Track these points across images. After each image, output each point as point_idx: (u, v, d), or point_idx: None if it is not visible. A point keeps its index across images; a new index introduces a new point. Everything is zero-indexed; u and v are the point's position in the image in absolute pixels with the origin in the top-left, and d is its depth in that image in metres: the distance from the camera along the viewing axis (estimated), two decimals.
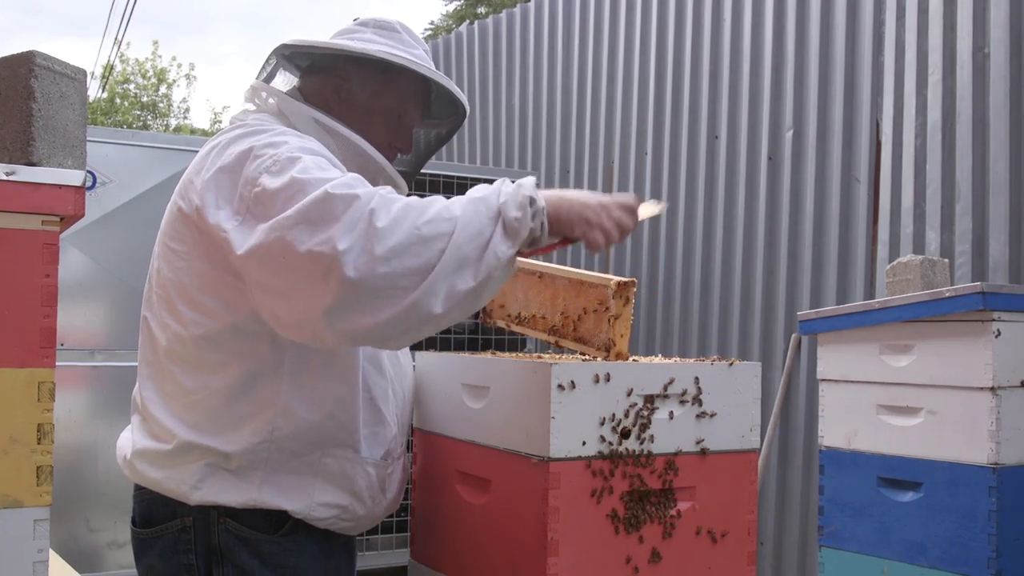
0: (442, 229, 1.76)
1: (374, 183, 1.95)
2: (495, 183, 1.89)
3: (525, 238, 1.83)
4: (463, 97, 2.29)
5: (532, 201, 1.84)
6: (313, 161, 1.87)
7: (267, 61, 2.24)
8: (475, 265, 1.78)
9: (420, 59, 2.19)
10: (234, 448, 1.99)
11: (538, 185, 1.91)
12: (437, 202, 1.82)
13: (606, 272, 6.33)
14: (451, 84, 2.24)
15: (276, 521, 2.06)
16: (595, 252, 1.95)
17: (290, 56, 2.24)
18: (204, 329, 2.00)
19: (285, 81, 2.26)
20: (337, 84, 2.20)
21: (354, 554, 2.33)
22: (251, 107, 2.21)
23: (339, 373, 2.07)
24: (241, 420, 2.00)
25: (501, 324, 2.51)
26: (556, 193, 1.93)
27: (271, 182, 1.84)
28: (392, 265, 1.73)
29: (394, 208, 1.77)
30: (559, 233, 1.92)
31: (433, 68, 2.20)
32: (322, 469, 2.06)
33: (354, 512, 2.14)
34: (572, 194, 1.95)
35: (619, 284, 2.18)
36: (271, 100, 2.18)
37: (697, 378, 2.23)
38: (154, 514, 2.10)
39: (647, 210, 2.11)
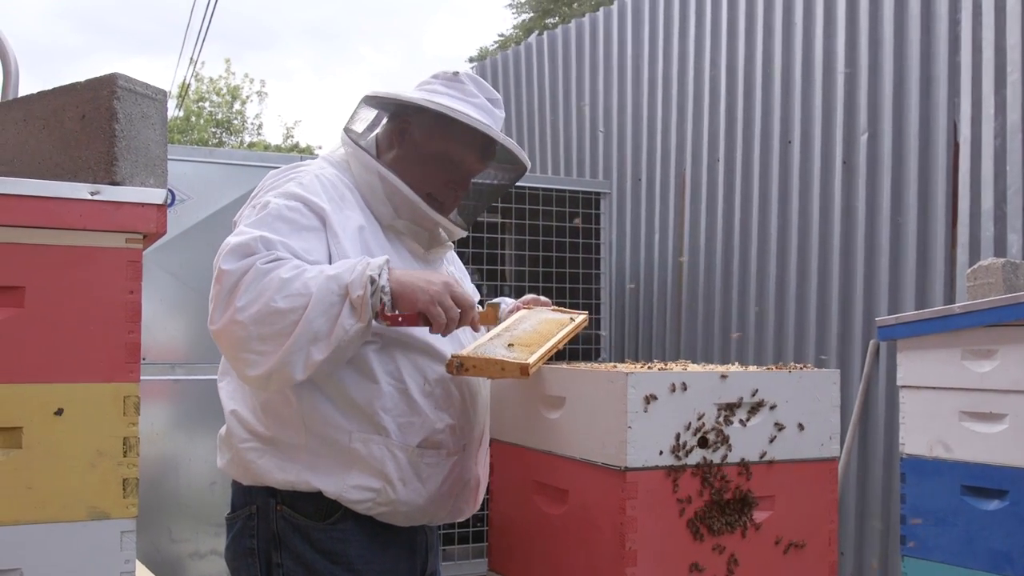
0: (296, 304, 2.00)
1: (421, 223, 2.35)
2: (353, 261, 2.10)
3: (369, 313, 2.04)
4: (507, 142, 2.40)
5: (373, 280, 2.03)
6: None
7: (356, 108, 2.45)
8: (327, 338, 2.02)
9: (480, 108, 2.35)
10: (276, 434, 2.21)
11: (390, 265, 2.11)
12: (302, 276, 2.03)
13: (680, 277, 6.30)
14: (493, 131, 2.35)
15: (326, 509, 2.20)
16: (436, 331, 2.12)
17: (374, 104, 2.45)
18: None
19: (367, 122, 2.48)
20: (401, 129, 2.41)
21: (421, 554, 2.36)
22: (340, 148, 2.45)
23: (358, 369, 2.20)
24: (279, 412, 2.21)
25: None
26: (404, 271, 2.14)
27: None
28: (249, 331, 2.02)
29: (258, 284, 2.03)
30: (405, 307, 2.10)
31: (478, 119, 2.32)
32: (352, 453, 2.18)
33: (388, 496, 2.20)
34: (419, 273, 2.16)
35: None
36: (342, 149, 2.43)
37: (775, 386, 2.21)
38: (235, 502, 2.33)
39: (488, 316, 2.33)
